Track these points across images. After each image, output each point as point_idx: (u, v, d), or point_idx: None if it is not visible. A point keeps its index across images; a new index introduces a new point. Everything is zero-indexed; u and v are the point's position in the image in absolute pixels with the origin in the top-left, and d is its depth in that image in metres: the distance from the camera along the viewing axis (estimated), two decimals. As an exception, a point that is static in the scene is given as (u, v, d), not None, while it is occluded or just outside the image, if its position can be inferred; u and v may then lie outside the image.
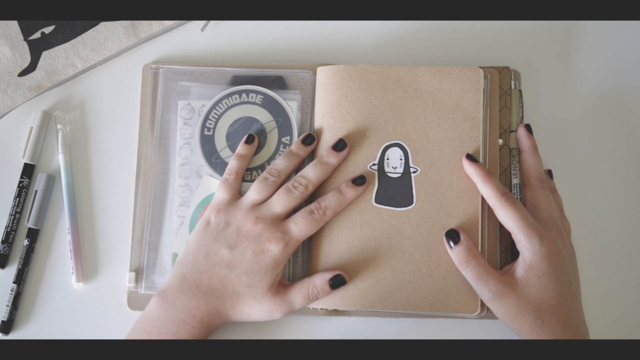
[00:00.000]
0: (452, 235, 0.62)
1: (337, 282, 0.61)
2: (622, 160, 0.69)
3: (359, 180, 0.63)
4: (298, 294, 0.61)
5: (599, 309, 0.66)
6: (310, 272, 0.64)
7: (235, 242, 0.61)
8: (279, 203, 0.62)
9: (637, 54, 0.71)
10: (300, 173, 0.63)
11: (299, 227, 0.61)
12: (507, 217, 0.60)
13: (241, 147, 0.66)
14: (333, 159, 0.63)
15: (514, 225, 0.60)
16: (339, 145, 0.64)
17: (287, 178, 0.64)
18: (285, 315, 0.61)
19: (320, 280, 0.61)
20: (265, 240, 0.60)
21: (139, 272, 0.66)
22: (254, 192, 0.63)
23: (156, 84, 0.69)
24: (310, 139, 0.65)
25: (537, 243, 0.59)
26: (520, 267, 0.60)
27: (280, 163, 0.64)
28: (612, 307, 0.66)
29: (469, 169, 0.62)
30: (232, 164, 0.65)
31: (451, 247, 0.61)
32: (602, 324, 0.65)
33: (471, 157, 0.63)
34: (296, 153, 0.64)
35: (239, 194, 0.64)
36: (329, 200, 0.62)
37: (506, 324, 0.60)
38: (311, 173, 0.63)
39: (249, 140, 0.66)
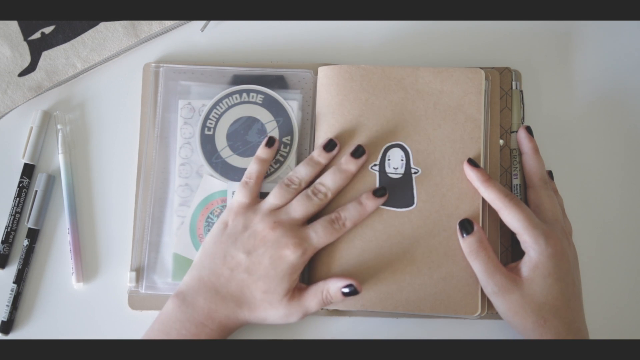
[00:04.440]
0: (465, 225, 0.62)
1: (350, 292, 0.60)
2: (623, 160, 0.69)
3: (380, 192, 0.63)
4: (313, 299, 0.61)
5: (599, 309, 0.66)
6: (311, 273, 0.64)
7: (252, 246, 0.61)
8: (298, 209, 0.61)
9: (638, 54, 0.71)
10: (319, 180, 0.63)
11: (319, 235, 0.61)
12: (512, 217, 0.60)
13: (262, 150, 0.64)
14: (352, 166, 0.63)
15: (519, 226, 0.60)
16: (358, 152, 0.63)
17: (308, 184, 0.63)
18: (301, 318, 0.61)
19: (333, 288, 0.61)
20: (283, 246, 0.60)
21: (139, 272, 0.66)
22: (273, 197, 0.62)
23: (157, 83, 0.68)
24: (332, 145, 0.64)
25: (543, 243, 0.59)
26: (526, 266, 0.60)
27: (302, 171, 0.63)
28: (612, 307, 0.66)
29: (470, 173, 0.63)
30: (252, 167, 0.64)
31: (463, 237, 0.62)
32: (602, 324, 0.65)
33: (472, 162, 0.63)
34: (317, 161, 0.63)
35: (257, 198, 0.63)
36: (349, 211, 0.62)
37: (507, 321, 0.60)
38: (330, 181, 0.62)
39: (270, 144, 0.65)
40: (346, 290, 0.60)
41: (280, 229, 0.60)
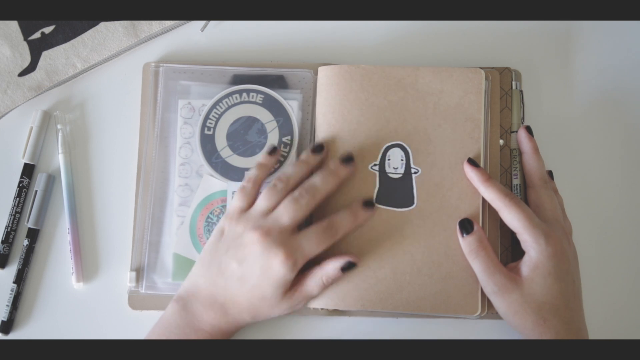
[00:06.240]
0: (465, 225, 0.62)
1: (348, 267, 0.61)
2: (622, 160, 0.69)
3: (369, 204, 0.62)
4: (314, 286, 0.61)
5: (599, 309, 0.66)
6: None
7: (243, 256, 0.60)
8: (286, 214, 0.60)
9: (637, 54, 0.71)
10: (307, 181, 0.62)
11: (311, 243, 0.60)
12: (512, 217, 0.60)
13: (263, 157, 0.64)
14: (342, 171, 0.62)
15: (519, 225, 0.60)
16: (348, 159, 0.63)
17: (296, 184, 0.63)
18: (306, 303, 0.62)
19: (331, 269, 0.61)
20: (273, 256, 0.59)
21: (139, 272, 0.66)
22: (262, 200, 0.61)
23: (156, 83, 0.68)
24: (320, 148, 0.63)
25: (544, 243, 0.59)
26: (526, 265, 0.60)
27: (289, 170, 0.62)
28: (612, 307, 0.66)
29: (470, 173, 0.63)
30: (252, 172, 0.63)
31: (463, 237, 0.62)
32: (602, 324, 0.65)
33: (472, 162, 0.63)
34: (306, 161, 0.63)
35: (254, 202, 0.63)
36: (342, 220, 0.61)
37: (507, 320, 0.61)
38: (319, 182, 0.62)
39: (272, 152, 0.64)
40: (343, 268, 0.61)
41: (269, 239, 0.59)
